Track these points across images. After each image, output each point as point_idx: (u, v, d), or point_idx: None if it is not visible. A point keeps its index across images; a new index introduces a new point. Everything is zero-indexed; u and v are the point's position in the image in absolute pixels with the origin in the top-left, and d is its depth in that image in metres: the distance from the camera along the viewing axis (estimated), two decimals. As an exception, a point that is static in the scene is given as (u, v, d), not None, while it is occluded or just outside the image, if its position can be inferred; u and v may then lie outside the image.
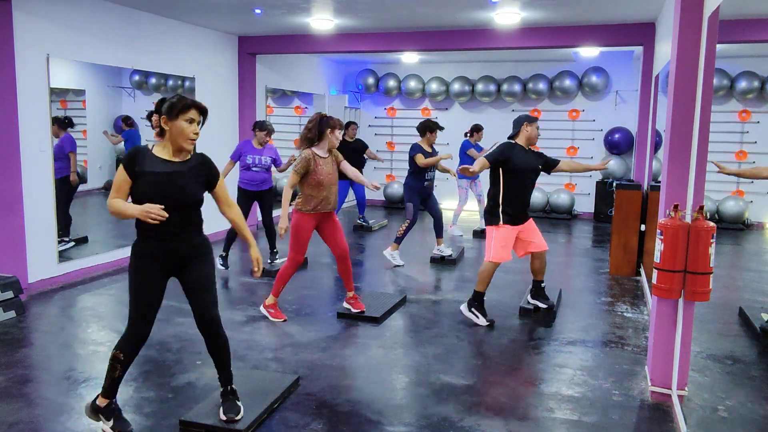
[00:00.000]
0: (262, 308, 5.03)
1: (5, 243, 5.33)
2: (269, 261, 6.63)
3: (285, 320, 4.91)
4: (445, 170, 7.02)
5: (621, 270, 6.46)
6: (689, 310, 3.43)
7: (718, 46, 3.26)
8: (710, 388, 3.73)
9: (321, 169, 4.72)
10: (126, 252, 6.71)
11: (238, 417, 3.17)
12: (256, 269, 3.25)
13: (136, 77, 8.76)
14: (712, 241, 3.22)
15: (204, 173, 3.08)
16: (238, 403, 3.24)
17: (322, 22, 7.07)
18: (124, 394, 3.57)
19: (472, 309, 4.93)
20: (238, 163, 6.60)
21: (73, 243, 6.66)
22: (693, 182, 3.41)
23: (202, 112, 3.03)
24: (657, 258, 3.38)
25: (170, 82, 8.78)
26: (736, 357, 4.30)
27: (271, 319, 4.92)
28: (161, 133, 3.01)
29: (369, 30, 7.75)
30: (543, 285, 5.14)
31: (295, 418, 3.31)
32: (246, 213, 6.53)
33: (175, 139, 2.96)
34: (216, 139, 8.21)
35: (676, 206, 3.36)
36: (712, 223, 3.26)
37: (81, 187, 8.53)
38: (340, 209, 8.91)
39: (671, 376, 3.59)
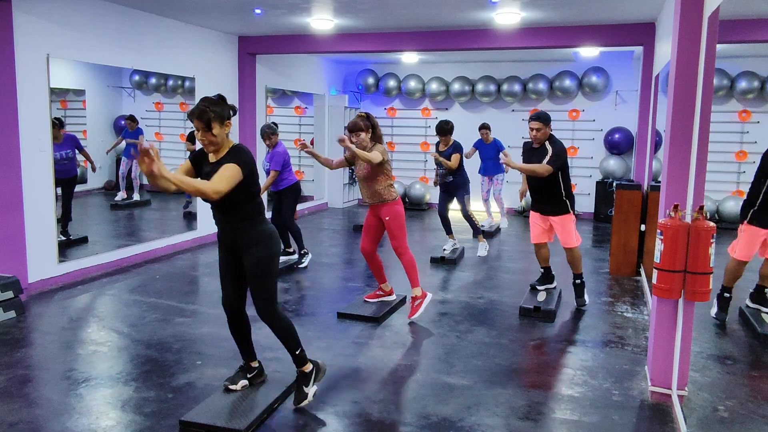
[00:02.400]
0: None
1: (5, 243, 5.33)
2: (296, 265, 6.70)
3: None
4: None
5: (621, 270, 6.46)
6: (689, 310, 3.43)
7: (718, 46, 3.26)
8: (710, 388, 3.73)
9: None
10: (126, 252, 6.76)
11: (300, 405, 3.38)
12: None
13: (136, 77, 8.76)
14: (712, 241, 3.22)
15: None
16: (304, 389, 3.41)
17: (322, 22, 7.07)
18: (124, 394, 3.58)
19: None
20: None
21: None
22: (693, 182, 3.41)
23: (198, 117, 3.08)
24: (657, 258, 3.38)
25: (170, 82, 8.78)
26: (736, 357, 4.30)
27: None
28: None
29: (369, 30, 7.75)
30: (578, 282, 5.35)
31: (295, 418, 3.31)
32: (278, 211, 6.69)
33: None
34: (216, 139, 8.21)
35: (676, 206, 3.36)
36: (712, 223, 3.26)
37: (81, 187, 8.53)
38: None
39: (671, 376, 3.59)
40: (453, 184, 7.11)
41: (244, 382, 3.52)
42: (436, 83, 11.06)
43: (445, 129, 7.09)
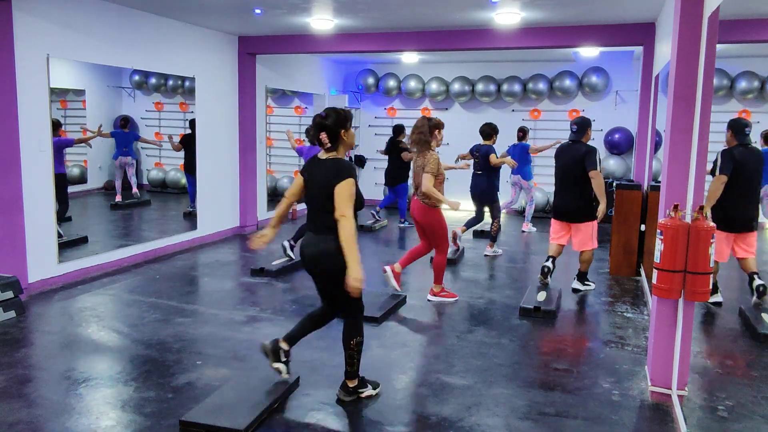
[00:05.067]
0: (432, 297, 5.49)
1: (5, 243, 5.33)
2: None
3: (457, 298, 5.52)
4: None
5: (621, 270, 6.46)
6: (689, 310, 3.43)
7: (718, 46, 3.26)
8: (710, 388, 3.73)
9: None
10: (125, 252, 6.75)
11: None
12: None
13: (136, 77, 8.76)
14: (712, 241, 3.22)
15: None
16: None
17: (322, 22, 7.07)
18: (124, 394, 3.58)
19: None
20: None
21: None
22: (693, 182, 3.41)
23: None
24: (657, 258, 3.38)
25: (170, 82, 8.78)
26: (736, 357, 4.30)
27: (448, 300, 5.47)
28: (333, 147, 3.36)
29: (369, 30, 7.75)
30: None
31: (295, 418, 3.31)
32: None
33: (350, 145, 3.42)
34: (216, 139, 8.22)
35: (676, 206, 3.36)
36: (712, 223, 3.26)
37: (81, 187, 8.54)
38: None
39: (671, 376, 3.59)
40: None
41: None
42: (436, 83, 11.05)
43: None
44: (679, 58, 3.45)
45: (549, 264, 5.73)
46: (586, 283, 5.91)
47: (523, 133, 8.89)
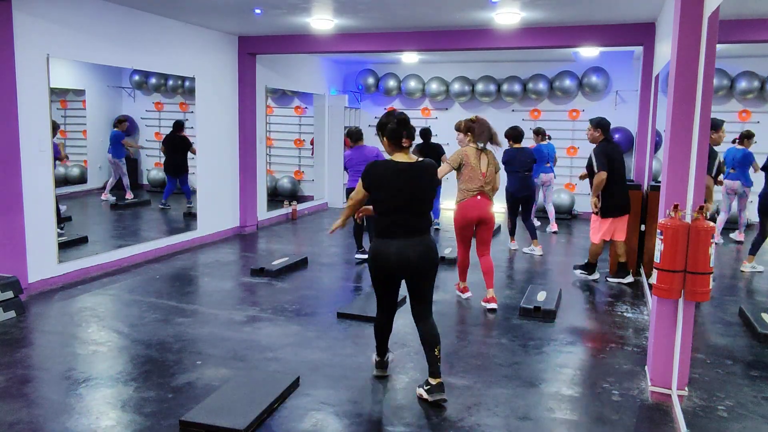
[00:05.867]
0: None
1: (5, 243, 5.33)
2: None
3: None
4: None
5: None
6: (689, 310, 3.43)
7: (718, 46, 3.26)
8: (710, 388, 3.72)
9: None
10: (125, 252, 6.76)
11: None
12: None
13: (136, 77, 8.77)
14: (712, 241, 3.22)
15: None
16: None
17: (322, 22, 7.07)
18: (124, 394, 3.58)
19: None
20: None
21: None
22: (693, 182, 3.41)
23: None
24: (657, 258, 3.38)
25: (170, 82, 8.79)
26: (736, 357, 4.30)
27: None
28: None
29: (369, 30, 7.75)
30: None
31: (295, 418, 3.31)
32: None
33: None
34: (216, 139, 8.21)
35: (676, 206, 3.36)
36: (712, 223, 3.26)
37: (81, 187, 8.55)
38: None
39: (671, 376, 3.59)
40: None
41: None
42: (436, 83, 11.05)
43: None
44: (679, 58, 3.45)
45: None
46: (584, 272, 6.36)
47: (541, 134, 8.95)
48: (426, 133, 8.79)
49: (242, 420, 3.15)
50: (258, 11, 6.61)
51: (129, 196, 9.00)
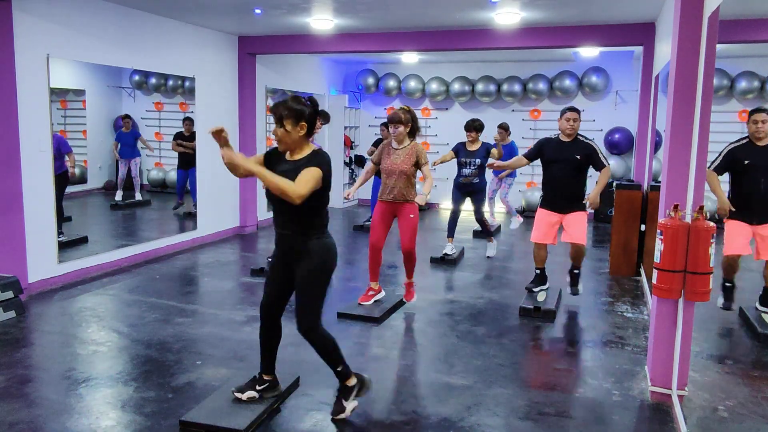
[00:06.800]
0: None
1: (5, 243, 5.33)
2: None
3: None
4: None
5: (621, 270, 6.46)
6: (689, 310, 3.42)
7: (718, 46, 3.26)
8: (710, 388, 3.72)
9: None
10: (126, 252, 6.75)
11: (337, 417, 3.27)
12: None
13: (136, 77, 8.75)
14: (712, 241, 3.22)
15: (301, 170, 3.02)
16: (343, 402, 3.29)
17: (322, 22, 7.07)
18: (124, 394, 3.58)
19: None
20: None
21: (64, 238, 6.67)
22: (693, 182, 3.41)
23: (272, 110, 3.11)
24: (657, 258, 3.38)
25: (170, 82, 8.77)
26: (736, 357, 4.30)
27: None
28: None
29: (369, 30, 7.75)
30: (576, 272, 5.38)
31: (295, 418, 3.31)
32: None
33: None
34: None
35: (676, 206, 3.36)
36: (712, 223, 3.26)
37: (81, 187, 8.53)
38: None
39: (671, 376, 3.59)
40: (478, 186, 7.13)
41: (251, 394, 3.36)
42: (436, 83, 11.05)
43: (480, 126, 7.09)
44: (679, 58, 3.45)
45: None
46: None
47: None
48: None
49: (242, 420, 3.16)
50: (258, 11, 6.61)
51: (137, 182, 8.95)
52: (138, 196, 8.94)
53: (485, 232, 7.43)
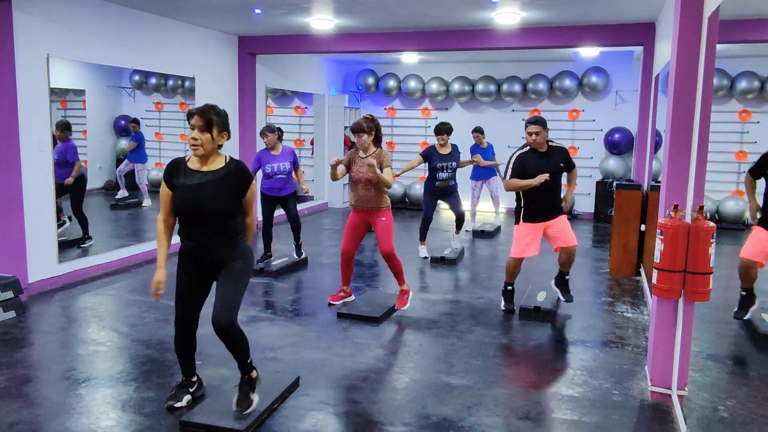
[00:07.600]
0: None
1: (5, 243, 5.33)
2: (295, 254, 6.84)
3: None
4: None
5: (621, 270, 6.46)
6: (689, 310, 3.42)
7: (718, 46, 3.26)
8: (710, 388, 3.73)
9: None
10: (125, 252, 6.76)
11: (246, 411, 3.21)
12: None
13: (136, 77, 8.75)
14: (712, 241, 3.22)
15: (236, 182, 3.12)
16: (251, 395, 3.29)
17: (322, 22, 7.07)
18: (124, 394, 3.58)
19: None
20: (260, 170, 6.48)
21: (91, 241, 6.76)
22: (693, 182, 3.41)
23: (200, 114, 3.03)
24: (657, 258, 3.38)
25: (170, 82, 8.77)
26: (736, 357, 4.30)
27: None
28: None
29: (369, 30, 7.75)
30: (567, 278, 5.25)
31: (295, 418, 3.31)
32: (269, 217, 6.64)
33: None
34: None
35: (676, 206, 3.36)
36: (712, 223, 3.25)
37: (80, 188, 8.50)
38: None
39: (671, 376, 3.59)
40: (455, 187, 7.12)
41: (188, 398, 3.43)
42: (436, 83, 11.05)
43: (450, 129, 7.00)
44: (679, 58, 3.45)
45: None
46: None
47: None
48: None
49: (242, 420, 3.15)
50: (258, 11, 6.61)
51: (143, 188, 8.92)
52: (147, 203, 8.92)
53: (459, 227, 7.34)
